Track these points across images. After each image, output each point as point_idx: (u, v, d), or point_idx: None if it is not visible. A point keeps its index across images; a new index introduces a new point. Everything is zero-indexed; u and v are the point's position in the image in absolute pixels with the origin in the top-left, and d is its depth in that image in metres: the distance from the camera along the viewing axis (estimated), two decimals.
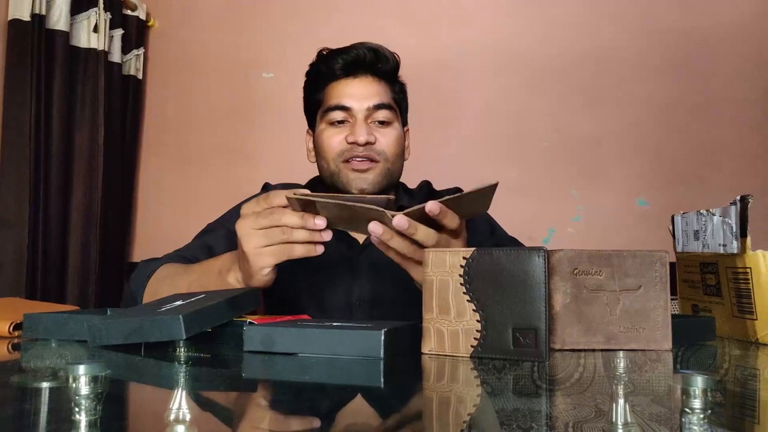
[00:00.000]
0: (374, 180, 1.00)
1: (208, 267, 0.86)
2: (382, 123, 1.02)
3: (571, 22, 1.93)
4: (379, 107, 1.02)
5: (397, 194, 1.09)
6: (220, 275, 0.81)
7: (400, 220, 0.68)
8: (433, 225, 0.72)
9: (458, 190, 1.16)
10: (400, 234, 0.70)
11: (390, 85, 1.07)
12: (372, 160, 1.00)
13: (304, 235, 0.73)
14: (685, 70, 1.87)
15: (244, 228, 0.74)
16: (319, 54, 1.09)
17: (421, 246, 0.71)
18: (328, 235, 0.74)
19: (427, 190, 1.15)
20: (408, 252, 0.71)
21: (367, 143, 0.99)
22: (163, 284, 0.87)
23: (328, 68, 1.04)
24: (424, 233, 0.70)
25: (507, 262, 0.54)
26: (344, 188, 1.01)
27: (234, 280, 0.80)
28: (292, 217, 0.73)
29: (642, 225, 1.84)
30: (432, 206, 0.69)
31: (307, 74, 1.10)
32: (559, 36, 1.94)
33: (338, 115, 1.02)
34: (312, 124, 1.10)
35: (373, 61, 1.03)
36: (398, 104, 1.07)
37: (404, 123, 1.11)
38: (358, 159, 0.99)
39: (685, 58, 1.87)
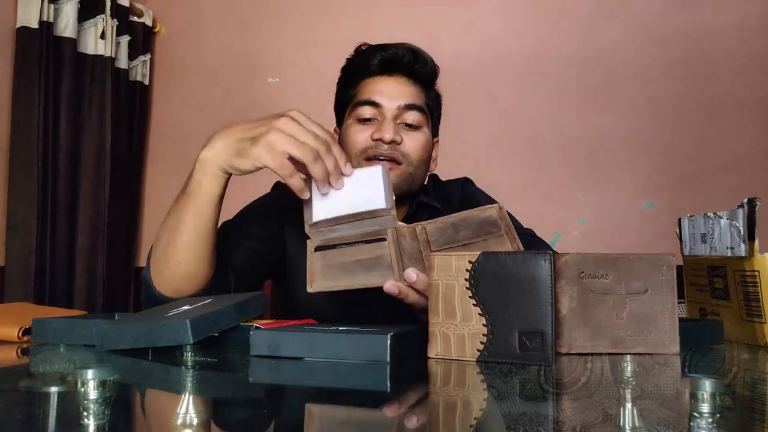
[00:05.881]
0: (394, 181, 0.96)
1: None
2: (410, 126, 1.00)
3: (574, 24, 1.93)
4: (409, 108, 0.99)
5: (417, 197, 1.05)
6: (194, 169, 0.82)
7: (409, 273, 0.68)
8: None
9: (467, 180, 1.15)
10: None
11: (424, 89, 1.05)
12: (395, 161, 0.97)
13: (321, 171, 0.75)
14: (690, 72, 1.86)
15: (292, 128, 0.74)
16: (358, 49, 1.08)
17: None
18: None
19: (433, 185, 1.13)
20: (423, 305, 0.68)
21: (393, 142, 0.97)
22: (159, 239, 0.83)
23: (365, 63, 1.03)
24: (424, 282, 0.67)
25: (513, 266, 0.54)
26: None
27: (208, 154, 0.81)
28: (331, 159, 0.76)
29: (648, 227, 1.83)
30: (409, 274, 0.68)
31: (343, 69, 1.09)
32: (562, 38, 1.94)
33: (367, 111, 0.99)
34: (341, 122, 1.08)
35: (411, 62, 1.02)
36: (430, 111, 1.06)
37: (435, 134, 1.09)
38: (381, 158, 0.97)
39: (689, 59, 1.87)
